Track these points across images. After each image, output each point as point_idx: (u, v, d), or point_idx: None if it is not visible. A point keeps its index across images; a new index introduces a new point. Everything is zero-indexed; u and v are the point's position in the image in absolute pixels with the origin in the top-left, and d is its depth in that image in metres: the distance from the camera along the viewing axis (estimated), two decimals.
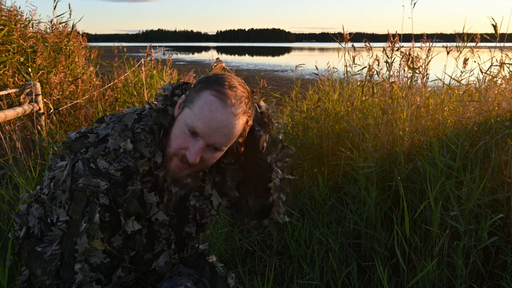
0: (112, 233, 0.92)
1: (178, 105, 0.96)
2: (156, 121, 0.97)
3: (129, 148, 0.92)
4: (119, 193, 0.90)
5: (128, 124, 0.96)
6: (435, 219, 1.84)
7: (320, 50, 69.05)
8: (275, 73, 16.85)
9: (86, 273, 0.89)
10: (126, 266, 0.96)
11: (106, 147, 0.91)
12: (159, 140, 0.96)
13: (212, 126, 0.89)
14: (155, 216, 0.97)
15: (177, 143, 0.92)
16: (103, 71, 5.75)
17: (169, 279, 1.02)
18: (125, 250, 0.95)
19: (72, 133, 0.99)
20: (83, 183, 0.88)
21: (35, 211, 0.96)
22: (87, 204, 0.89)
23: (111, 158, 0.90)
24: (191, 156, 0.90)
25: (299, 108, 3.69)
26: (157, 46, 7.94)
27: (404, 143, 2.37)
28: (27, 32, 4.00)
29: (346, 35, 2.82)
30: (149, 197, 0.95)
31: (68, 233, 0.90)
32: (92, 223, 0.88)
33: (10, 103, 3.33)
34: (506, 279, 1.81)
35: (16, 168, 2.52)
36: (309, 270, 2.02)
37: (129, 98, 4.32)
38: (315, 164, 3.00)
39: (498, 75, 2.43)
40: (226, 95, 0.90)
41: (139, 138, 0.94)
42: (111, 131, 0.94)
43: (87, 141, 0.93)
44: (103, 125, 0.99)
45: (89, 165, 0.89)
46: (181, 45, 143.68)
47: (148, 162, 0.94)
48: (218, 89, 0.90)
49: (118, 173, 0.90)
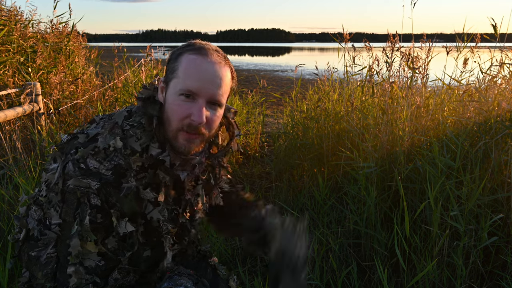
0: (106, 234, 0.90)
1: (161, 89, 0.97)
2: (145, 111, 0.95)
3: (119, 146, 0.90)
4: (111, 192, 0.88)
5: (118, 121, 0.94)
6: (435, 219, 1.84)
7: (320, 50, 69.05)
8: (275, 73, 16.85)
9: (81, 275, 0.87)
10: (123, 268, 0.94)
11: (96, 146, 0.89)
12: (152, 132, 0.94)
13: (203, 78, 0.90)
14: (150, 215, 0.95)
15: (177, 115, 0.91)
16: (103, 71, 5.75)
17: (169, 279, 1.01)
18: (121, 251, 0.93)
19: (64, 135, 0.98)
20: (73, 184, 0.86)
21: (34, 214, 0.95)
22: (77, 206, 0.87)
23: (101, 157, 0.88)
24: (197, 117, 0.90)
25: (299, 108, 3.70)
26: (157, 46, 7.94)
27: (404, 143, 2.37)
28: (27, 32, 4.00)
29: (346, 35, 2.82)
30: (145, 194, 0.93)
31: (62, 236, 0.89)
32: (83, 225, 0.86)
33: (10, 103, 3.34)
34: (506, 279, 1.81)
35: (16, 168, 2.52)
36: (309, 270, 2.02)
37: (129, 98, 4.32)
38: (315, 164, 3.00)
39: (498, 75, 2.43)
40: (204, 48, 0.92)
41: (128, 134, 0.92)
42: (101, 130, 0.93)
43: (77, 142, 0.92)
44: (94, 125, 0.98)
45: (79, 165, 0.87)
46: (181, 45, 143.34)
47: (140, 158, 0.92)
48: (194, 48, 0.93)
49: (109, 172, 0.88)
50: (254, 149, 4.14)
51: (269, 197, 3.05)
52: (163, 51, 6.79)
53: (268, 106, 7.75)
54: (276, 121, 5.69)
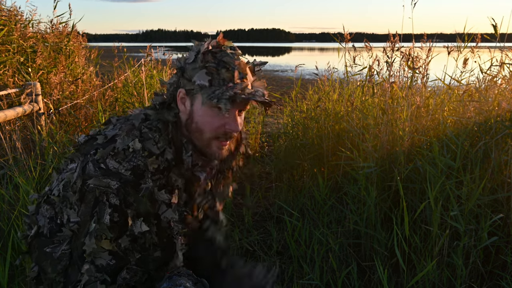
0: (119, 234, 0.92)
1: (181, 100, 0.99)
2: (161, 117, 0.99)
3: (137, 148, 0.93)
4: (129, 192, 0.91)
5: (135, 123, 0.98)
6: (435, 219, 1.84)
7: (320, 50, 69.03)
8: (275, 73, 16.85)
9: (92, 273, 0.90)
10: (131, 268, 0.96)
11: (115, 147, 0.92)
12: (169, 136, 0.98)
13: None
14: (164, 215, 0.98)
15: (211, 126, 0.95)
16: (103, 71, 5.75)
17: (168, 280, 1.02)
18: (131, 252, 0.95)
19: (81, 136, 1.01)
20: (93, 183, 0.89)
21: (45, 212, 0.97)
22: (95, 205, 0.90)
23: (120, 158, 0.92)
24: (234, 127, 0.95)
25: (299, 108, 3.70)
26: (157, 46, 7.94)
27: (404, 143, 2.37)
28: (27, 32, 4.00)
29: (347, 35, 2.82)
30: (159, 195, 0.96)
31: (78, 234, 0.92)
32: (101, 223, 0.89)
33: (10, 103, 3.34)
34: (506, 279, 1.81)
35: (16, 168, 2.52)
36: (309, 270, 2.02)
37: (129, 98, 4.32)
38: (315, 164, 3.00)
39: (498, 75, 2.43)
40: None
41: (146, 137, 0.96)
42: (118, 132, 0.96)
43: (95, 143, 0.95)
44: (111, 126, 1.00)
45: (99, 165, 0.90)
46: (181, 45, 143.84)
47: (157, 160, 0.95)
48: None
49: (128, 172, 0.91)
50: (254, 149, 4.14)
51: (269, 197, 3.06)
52: (163, 51, 6.79)
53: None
54: (276, 121, 5.69)
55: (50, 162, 2.62)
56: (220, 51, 0.97)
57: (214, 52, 0.97)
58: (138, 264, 0.98)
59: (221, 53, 0.97)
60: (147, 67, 4.98)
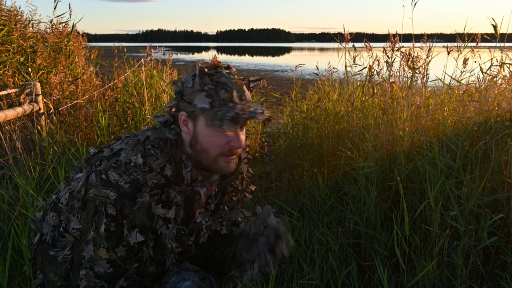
0: (116, 243, 0.96)
1: (183, 122, 1.02)
2: (161, 135, 1.03)
3: (139, 162, 0.97)
4: (126, 204, 0.95)
5: (140, 139, 1.03)
6: (435, 219, 1.84)
7: (320, 50, 69.05)
8: (275, 73, 16.85)
9: (90, 279, 0.94)
10: (129, 277, 1.00)
11: (118, 160, 0.97)
12: (169, 153, 1.02)
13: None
14: (160, 230, 1.02)
15: (216, 144, 0.99)
16: (103, 71, 5.75)
17: (177, 274, 1.05)
18: (129, 261, 0.99)
19: (92, 149, 1.07)
20: (93, 193, 0.94)
21: (50, 219, 1.01)
22: (95, 214, 0.94)
23: (121, 171, 0.96)
24: (238, 143, 0.99)
25: (299, 108, 3.70)
26: (157, 46, 7.94)
27: (404, 143, 2.37)
28: (27, 32, 4.00)
29: (347, 35, 2.82)
30: (156, 210, 1.00)
31: (80, 240, 0.96)
32: (98, 232, 0.93)
33: (10, 103, 3.34)
34: (506, 279, 1.81)
35: (16, 168, 2.52)
36: (309, 270, 2.02)
37: (129, 98, 4.32)
38: (315, 164, 3.00)
39: (498, 75, 2.43)
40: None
41: (149, 153, 1.00)
42: (125, 146, 1.01)
43: (102, 155, 1.01)
44: (119, 141, 1.06)
45: (101, 176, 0.95)
46: (181, 45, 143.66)
47: (156, 176, 0.99)
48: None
49: (127, 185, 0.95)
50: (254, 149, 4.14)
51: (269, 197, 3.05)
52: (163, 51, 6.79)
53: (268, 106, 7.75)
54: (276, 121, 5.69)
55: (50, 162, 2.62)
56: (216, 72, 1.00)
57: (211, 74, 1.00)
58: (137, 274, 1.02)
59: (217, 74, 1.00)
60: (147, 67, 4.97)
